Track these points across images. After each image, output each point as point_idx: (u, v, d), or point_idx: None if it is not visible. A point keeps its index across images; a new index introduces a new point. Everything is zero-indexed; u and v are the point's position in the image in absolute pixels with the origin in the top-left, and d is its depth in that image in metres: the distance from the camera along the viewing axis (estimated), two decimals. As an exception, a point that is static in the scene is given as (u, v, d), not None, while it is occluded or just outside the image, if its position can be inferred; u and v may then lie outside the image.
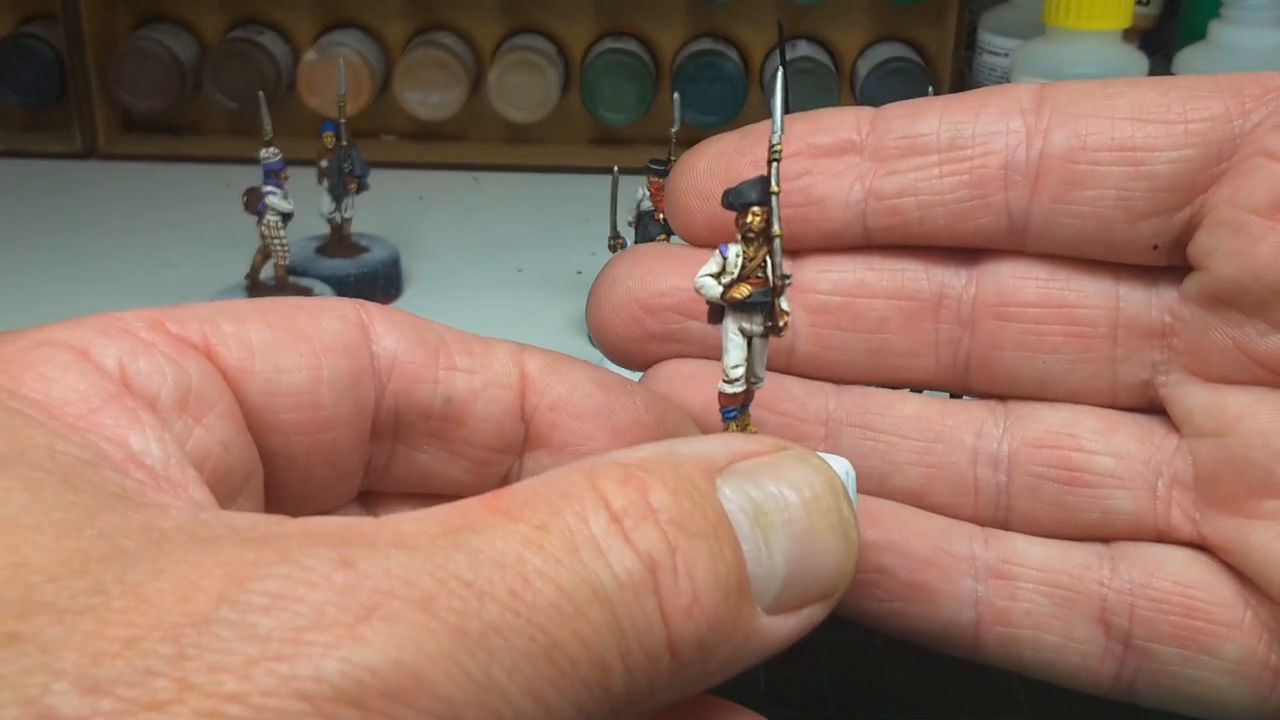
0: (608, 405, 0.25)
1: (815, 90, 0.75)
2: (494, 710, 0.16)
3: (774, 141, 0.22)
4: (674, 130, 0.53)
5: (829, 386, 0.28)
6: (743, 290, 0.23)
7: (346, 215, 0.59)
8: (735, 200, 0.23)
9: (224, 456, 0.20)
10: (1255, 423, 0.25)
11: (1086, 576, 0.26)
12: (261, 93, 0.56)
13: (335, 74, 0.61)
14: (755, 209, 0.23)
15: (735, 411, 0.24)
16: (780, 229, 0.23)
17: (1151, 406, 0.27)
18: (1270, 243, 0.24)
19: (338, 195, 0.59)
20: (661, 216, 0.50)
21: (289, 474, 0.22)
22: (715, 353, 0.25)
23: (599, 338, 0.28)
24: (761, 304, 0.23)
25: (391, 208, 0.69)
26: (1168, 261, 0.26)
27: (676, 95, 0.54)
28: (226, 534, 0.16)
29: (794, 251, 0.28)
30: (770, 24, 0.78)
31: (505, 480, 0.25)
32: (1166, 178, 0.25)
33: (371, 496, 0.25)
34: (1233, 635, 0.25)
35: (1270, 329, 0.24)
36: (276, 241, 0.54)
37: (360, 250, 0.60)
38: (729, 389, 0.24)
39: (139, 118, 0.79)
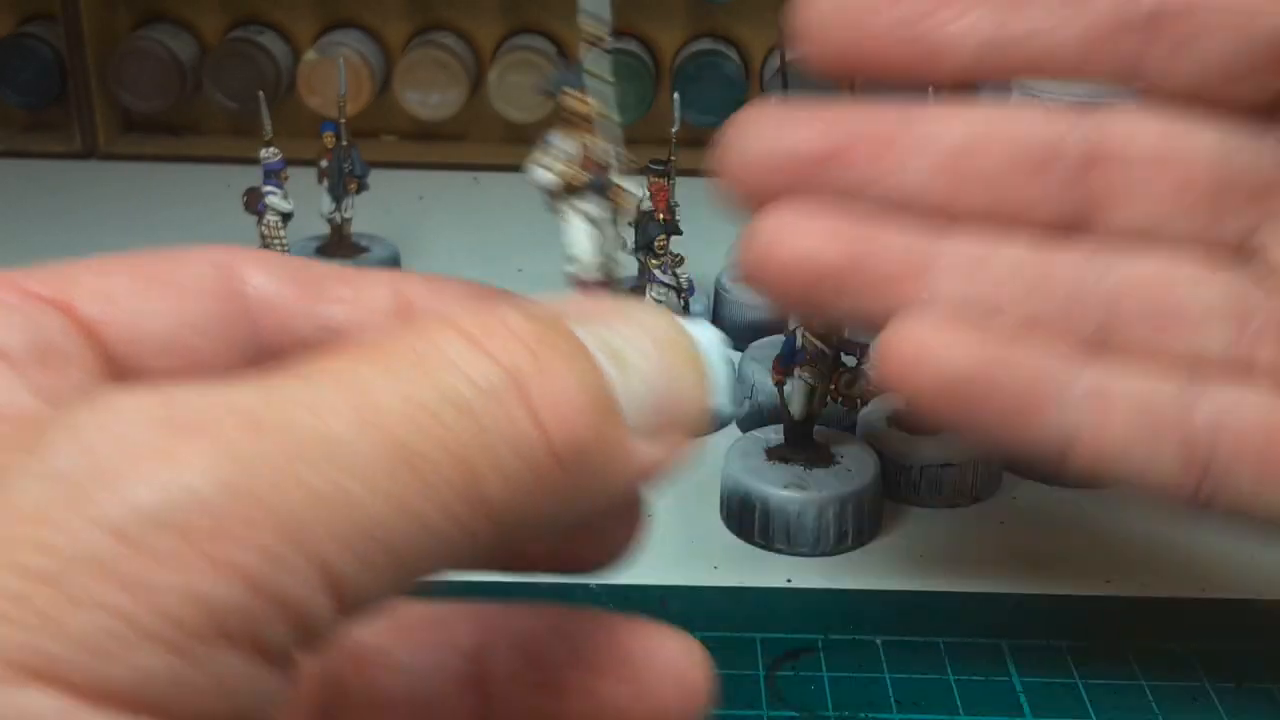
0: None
1: (815, 90, 0.74)
2: (351, 523, 0.15)
3: (587, 26, 0.22)
4: (674, 130, 0.53)
5: (932, 234, 0.29)
6: (576, 175, 0.22)
7: (346, 215, 0.59)
8: (546, 85, 0.23)
9: None
10: None
11: (1173, 406, 0.27)
12: (261, 93, 0.56)
13: (335, 74, 0.61)
14: (571, 92, 0.22)
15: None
16: (604, 112, 0.22)
17: (1249, 257, 0.28)
18: None
19: (338, 195, 0.59)
20: (662, 217, 0.50)
21: None
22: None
23: (733, 191, 0.29)
24: (597, 187, 0.23)
25: (391, 208, 0.69)
26: (1273, 119, 0.27)
27: (676, 95, 0.54)
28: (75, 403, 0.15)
29: (912, 99, 0.29)
30: (770, 24, 0.78)
31: None
32: (1276, 34, 0.26)
33: None
34: None
35: None
36: (276, 241, 0.54)
37: (360, 250, 0.60)
38: (584, 276, 0.24)
39: (139, 118, 0.79)
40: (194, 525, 0.14)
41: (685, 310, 0.25)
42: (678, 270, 0.33)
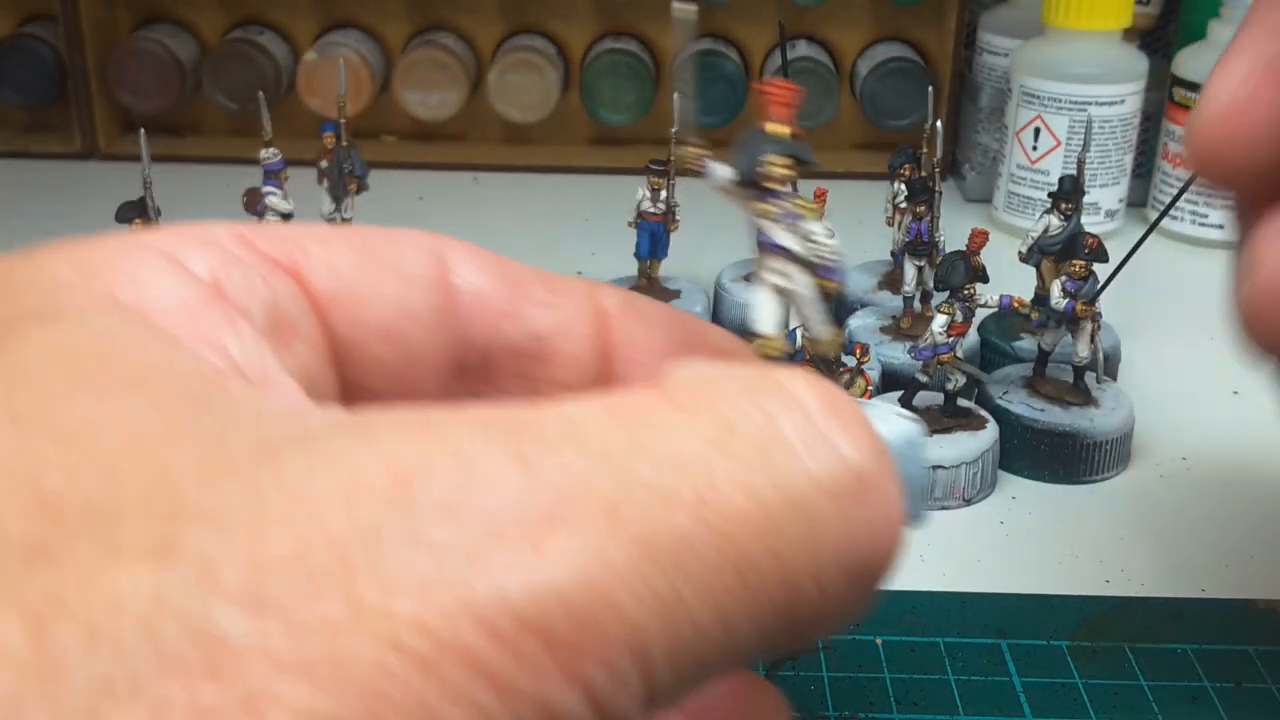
0: (688, 338, 0.24)
1: (815, 90, 0.75)
2: (680, 636, 0.14)
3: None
4: (674, 130, 0.53)
5: None
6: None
7: (347, 216, 0.59)
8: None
9: (309, 388, 0.18)
10: None
11: None
12: (261, 93, 0.56)
13: (335, 74, 0.61)
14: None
15: None
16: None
17: None
18: None
19: (338, 195, 0.59)
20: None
21: None
22: None
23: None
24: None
25: (391, 208, 0.69)
26: None
27: (676, 95, 0.54)
28: (374, 423, 0.14)
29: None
30: (770, 24, 0.78)
31: None
32: None
33: None
34: None
35: None
36: (276, 242, 0.54)
37: (360, 250, 0.60)
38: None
39: (139, 118, 0.79)
40: (557, 632, 0.13)
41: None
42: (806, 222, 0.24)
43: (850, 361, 0.43)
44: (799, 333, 0.32)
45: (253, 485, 0.13)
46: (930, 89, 0.57)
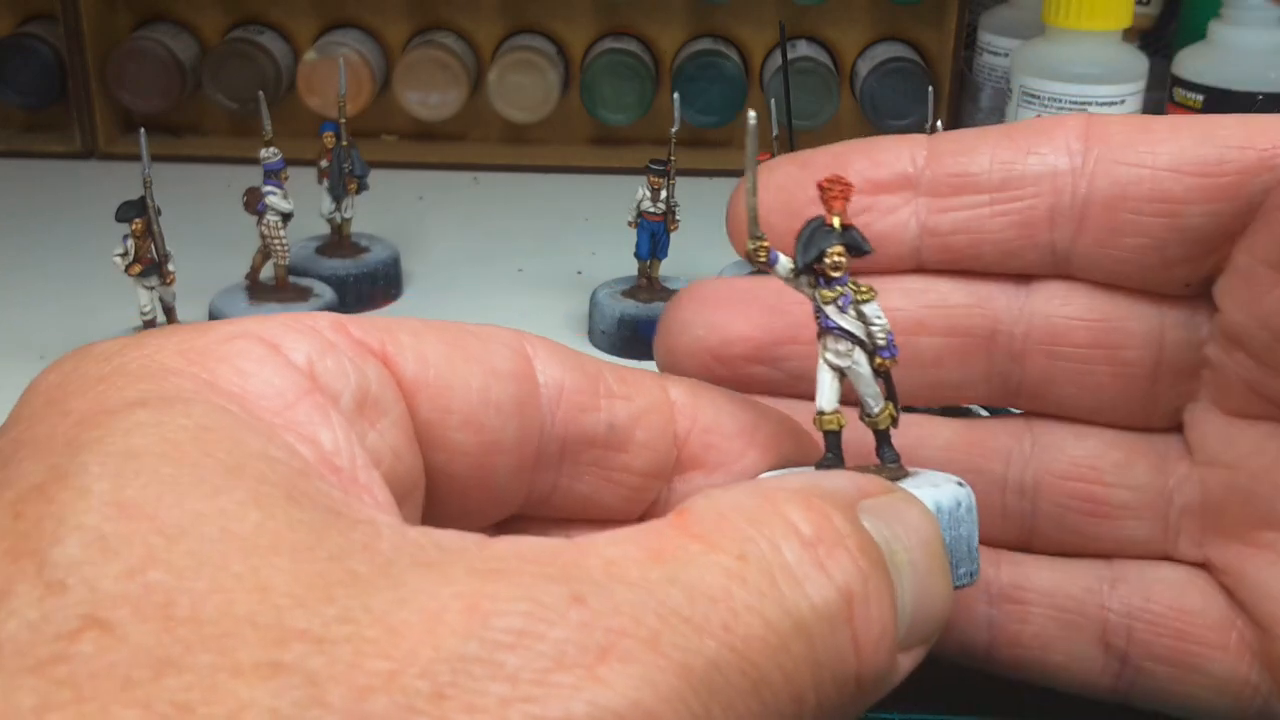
0: (752, 423, 0.26)
1: (815, 90, 0.75)
2: None
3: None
4: (674, 130, 0.53)
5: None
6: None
7: (347, 215, 0.59)
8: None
9: (394, 465, 0.20)
10: (1263, 459, 0.26)
11: (1090, 600, 0.28)
12: (261, 93, 0.56)
13: (335, 74, 0.61)
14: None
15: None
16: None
17: (1178, 427, 0.28)
18: (1275, 295, 0.24)
19: (338, 195, 0.59)
20: (839, 222, 0.50)
21: (447, 493, 0.22)
22: (780, 392, 0.26)
23: (669, 365, 0.29)
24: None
25: (391, 208, 0.69)
26: (1198, 299, 0.27)
27: (676, 95, 0.54)
28: (446, 558, 0.16)
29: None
30: (770, 24, 0.78)
31: (654, 505, 0.25)
32: (1199, 229, 0.26)
33: (513, 521, 0.25)
34: (1220, 656, 0.27)
35: (1274, 374, 0.25)
36: (277, 242, 0.54)
37: (360, 250, 0.60)
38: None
39: (139, 118, 0.79)
40: None
41: (895, 410, 0.24)
42: (863, 304, 0.24)
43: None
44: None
45: (346, 611, 0.15)
46: (930, 89, 0.57)
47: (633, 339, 0.54)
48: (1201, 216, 0.25)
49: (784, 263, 0.24)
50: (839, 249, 0.23)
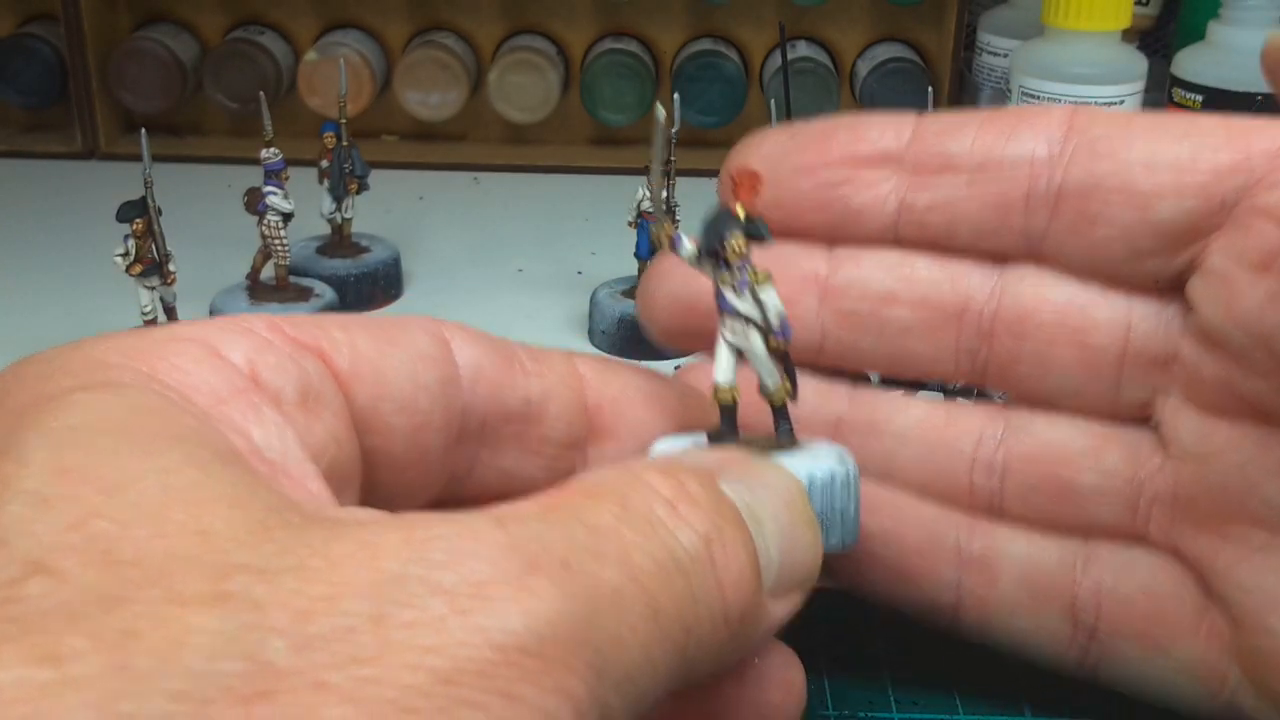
0: (657, 394, 0.28)
1: (815, 90, 0.75)
2: (623, 668, 0.17)
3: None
4: (674, 131, 0.53)
5: (842, 388, 0.30)
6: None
7: (347, 215, 0.60)
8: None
9: (336, 453, 0.21)
10: (1237, 455, 0.26)
11: (1061, 574, 0.28)
12: (262, 93, 0.56)
13: (336, 74, 0.61)
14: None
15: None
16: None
17: (1147, 420, 0.28)
18: (1252, 297, 0.25)
19: (338, 195, 0.59)
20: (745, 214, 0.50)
21: (385, 474, 0.23)
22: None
23: (648, 325, 0.31)
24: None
25: (391, 208, 0.69)
26: (1169, 294, 0.27)
27: (676, 95, 0.54)
28: (377, 517, 0.17)
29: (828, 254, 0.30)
30: (770, 24, 0.78)
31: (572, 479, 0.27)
32: (1169, 225, 0.26)
33: (439, 506, 0.26)
34: (1190, 642, 0.27)
35: (1251, 374, 0.25)
36: (277, 242, 0.54)
37: (360, 250, 0.60)
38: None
39: (139, 118, 0.79)
40: (550, 653, 0.16)
41: (791, 387, 0.25)
42: (759, 288, 0.25)
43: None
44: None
45: (286, 547, 0.16)
46: (930, 89, 0.57)
47: (633, 339, 0.54)
48: (1172, 212, 0.26)
49: (687, 246, 0.25)
50: (740, 237, 0.25)
